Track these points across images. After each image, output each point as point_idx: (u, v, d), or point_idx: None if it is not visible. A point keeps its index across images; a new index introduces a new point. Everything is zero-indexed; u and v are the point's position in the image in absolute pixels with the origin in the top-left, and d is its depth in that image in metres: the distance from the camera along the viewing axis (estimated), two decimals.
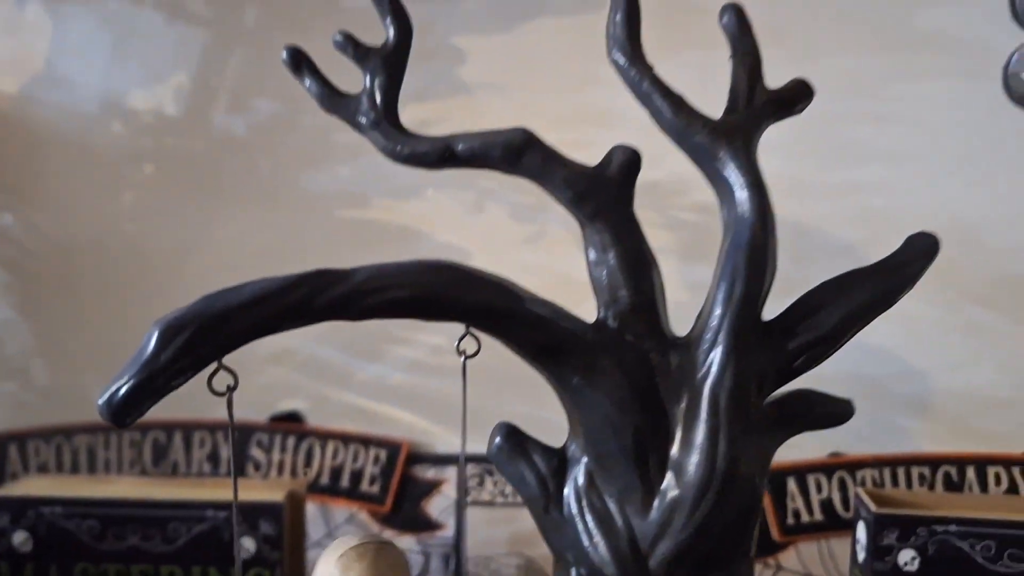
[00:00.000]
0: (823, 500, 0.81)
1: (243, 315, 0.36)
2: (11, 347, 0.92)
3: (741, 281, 0.39)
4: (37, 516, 0.66)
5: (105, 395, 0.37)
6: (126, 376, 0.36)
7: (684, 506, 0.37)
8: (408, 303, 0.37)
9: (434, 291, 0.37)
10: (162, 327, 0.36)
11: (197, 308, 0.36)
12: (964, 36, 0.84)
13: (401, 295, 0.36)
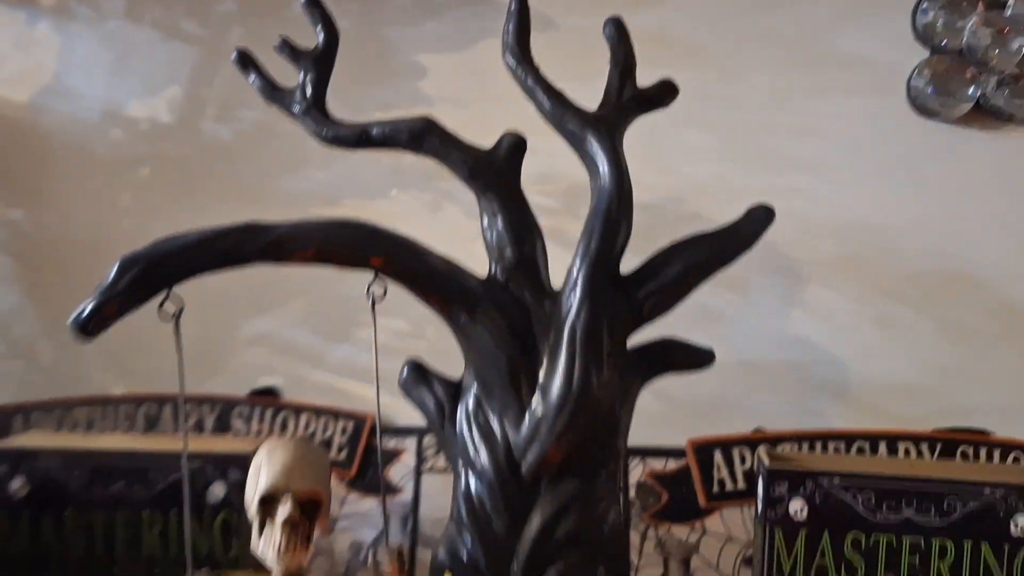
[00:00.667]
0: (746, 471, 0.86)
1: (186, 255, 0.44)
2: (18, 330, 0.98)
3: (596, 239, 0.47)
4: (32, 466, 0.72)
5: (74, 314, 0.45)
6: (91, 299, 0.44)
7: (548, 420, 0.45)
8: (319, 253, 0.45)
9: (341, 244, 0.45)
10: (121, 261, 0.44)
11: (149, 248, 0.44)
12: (872, 56, 0.90)
13: (313, 246, 0.44)
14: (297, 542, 0.44)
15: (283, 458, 0.45)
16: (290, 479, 0.44)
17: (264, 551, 0.45)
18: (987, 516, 0.69)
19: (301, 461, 0.45)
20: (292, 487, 0.44)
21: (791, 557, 0.71)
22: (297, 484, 0.44)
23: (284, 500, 0.44)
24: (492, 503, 0.46)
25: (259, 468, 0.45)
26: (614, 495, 0.48)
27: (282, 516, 0.44)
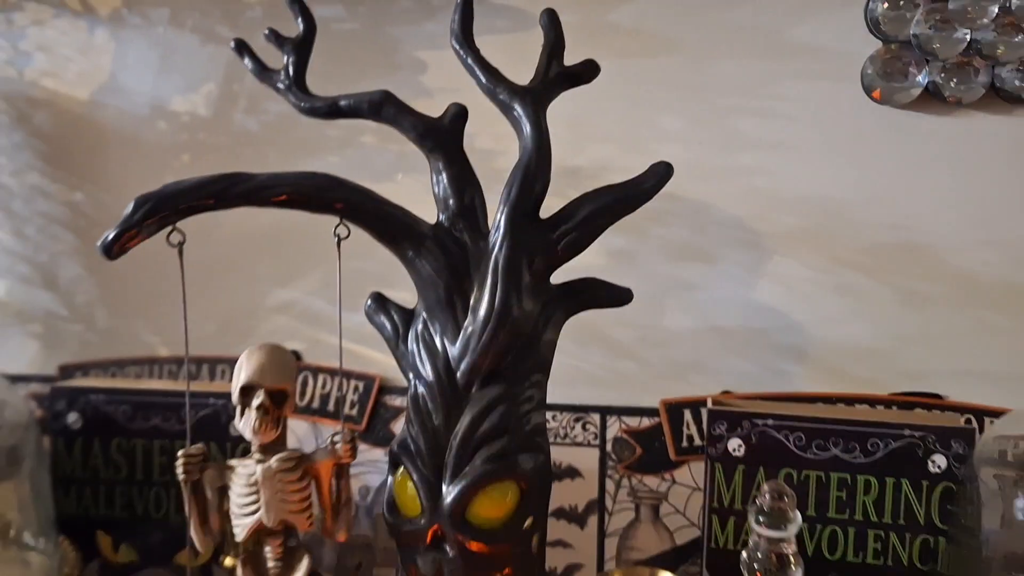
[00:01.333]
0: None
1: (185, 194, 0.55)
2: (79, 298, 1.09)
3: (516, 187, 0.56)
4: (85, 401, 0.85)
5: (100, 241, 0.55)
6: (114, 228, 0.55)
7: (476, 336, 0.55)
8: (290, 197, 0.55)
9: (309, 190, 0.55)
10: (136, 199, 0.55)
11: (158, 190, 0.56)
12: (828, 45, 0.95)
13: (285, 192, 0.55)
14: (268, 423, 0.55)
15: (258, 359, 0.56)
16: (263, 376, 0.55)
17: (243, 429, 0.56)
18: (907, 456, 0.76)
19: (272, 362, 0.56)
20: (264, 382, 0.55)
21: (730, 489, 0.80)
22: (268, 380, 0.55)
23: (258, 392, 0.56)
24: (433, 403, 0.56)
25: (240, 367, 0.56)
26: (537, 401, 0.58)
27: (255, 403, 0.55)
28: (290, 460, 0.55)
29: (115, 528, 0.85)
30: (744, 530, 0.78)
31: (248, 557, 0.57)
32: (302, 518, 0.56)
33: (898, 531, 0.76)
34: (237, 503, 0.56)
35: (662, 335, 1.01)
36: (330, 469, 0.57)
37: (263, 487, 0.55)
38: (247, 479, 0.55)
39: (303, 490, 0.56)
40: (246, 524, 0.55)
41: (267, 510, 0.55)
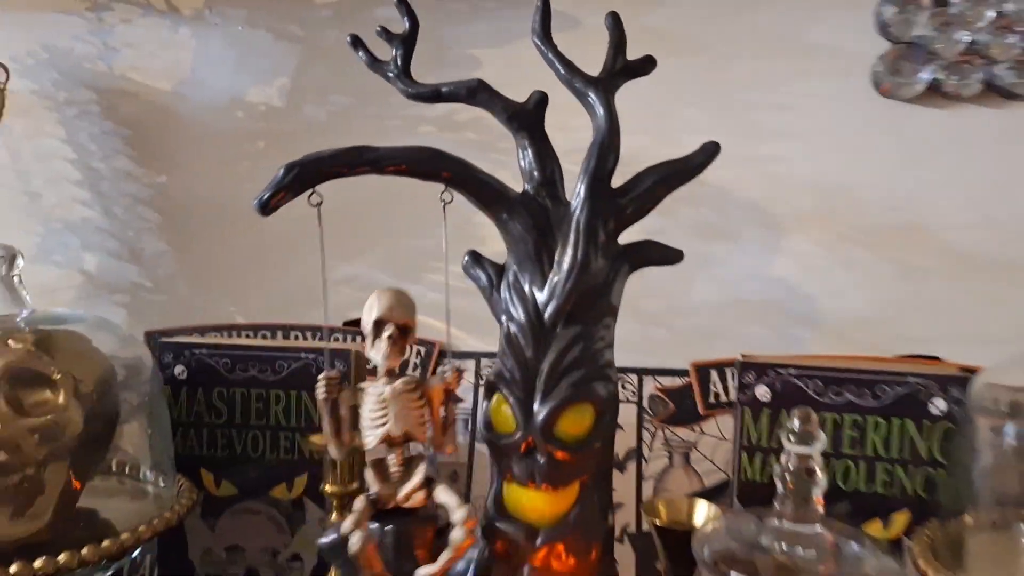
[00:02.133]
0: (735, 385, 0.99)
1: (324, 162, 0.66)
2: (163, 271, 1.20)
3: (594, 161, 0.68)
4: (190, 355, 0.95)
5: (256, 200, 0.65)
6: (267, 190, 0.66)
7: (560, 283, 0.67)
8: (408, 167, 0.67)
9: (421, 161, 0.67)
10: (285, 166, 0.66)
11: (302, 158, 0.66)
12: (840, 46, 1.06)
13: (403, 162, 0.67)
14: (395, 351, 0.67)
15: (388, 299, 0.67)
16: (392, 312, 0.67)
17: (374, 356, 0.68)
18: (911, 400, 0.87)
19: (399, 302, 0.67)
20: (393, 318, 0.67)
21: (757, 430, 0.92)
22: (396, 316, 0.67)
23: (387, 326, 0.67)
24: (524, 340, 0.67)
25: (372, 305, 0.68)
26: (606, 341, 0.70)
27: (386, 335, 0.67)
28: (411, 382, 0.67)
29: (216, 466, 0.96)
30: (769, 464, 0.90)
31: (375, 463, 0.68)
32: (420, 431, 0.67)
33: (903, 465, 0.87)
34: (368, 418, 0.67)
35: (690, 305, 1.13)
36: (440, 394, 0.68)
37: (391, 403, 0.66)
38: (377, 397, 0.67)
39: (421, 408, 0.67)
40: (376, 434, 0.66)
41: (395, 422, 0.66)
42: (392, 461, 0.67)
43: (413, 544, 0.67)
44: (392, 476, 0.68)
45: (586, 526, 0.70)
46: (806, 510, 0.72)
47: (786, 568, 0.70)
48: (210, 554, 0.96)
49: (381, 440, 0.66)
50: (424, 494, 0.67)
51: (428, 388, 0.68)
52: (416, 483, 0.67)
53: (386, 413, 0.66)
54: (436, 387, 0.68)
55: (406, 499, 0.67)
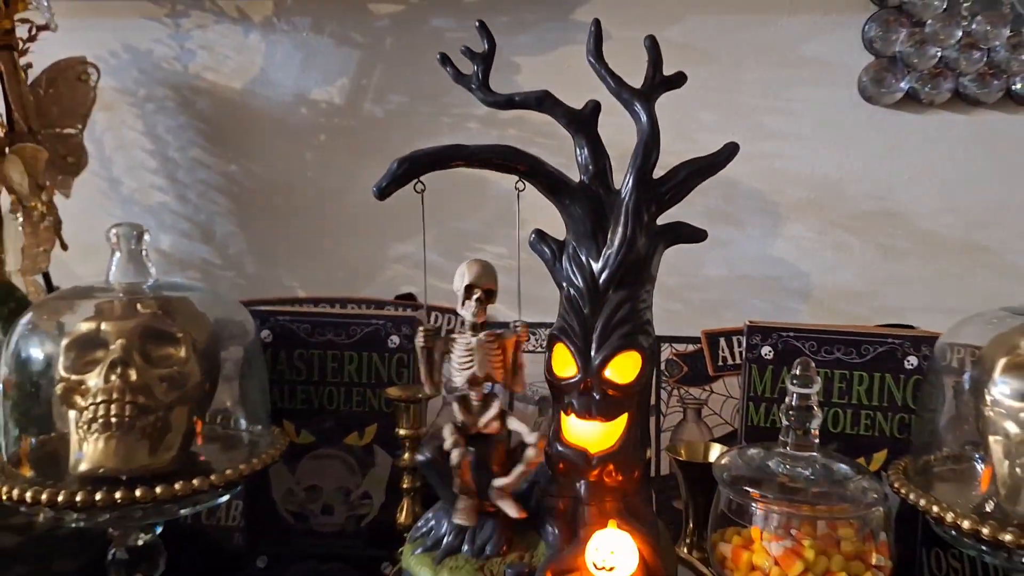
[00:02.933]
0: (740, 351, 1.17)
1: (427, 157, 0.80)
2: (232, 249, 1.32)
3: (640, 157, 0.83)
4: (275, 321, 1.07)
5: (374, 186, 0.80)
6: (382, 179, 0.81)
7: (613, 255, 0.82)
8: (493, 161, 0.82)
9: (503, 155, 0.82)
10: (399, 160, 0.80)
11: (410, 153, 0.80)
12: (831, 59, 1.20)
13: (488, 157, 0.82)
14: (481, 311, 0.82)
15: (476, 268, 0.82)
16: (479, 279, 0.82)
17: (464, 314, 0.83)
18: (889, 357, 1.02)
19: (485, 270, 0.82)
20: (480, 283, 0.83)
21: (762, 384, 1.08)
22: (483, 282, 0.83)
23: (475, 290, 0.83)
24: (582, 301, 0.83)
25: (463, 273, 0.83)
26: (647, 303, 0.86)
27: (475, 297, 0.82)
28: (492, 335, 0.82)
29: (297, 417, 1.08)
30: (772, 413, 1.07)
31: (460, 399, 0.84)
32: (498, 373, 0.82)
33: (882, 411, 1.03)
34: (457, 362, 0.82)
35: (701, 282, 1.29)
36: (513, 344, 0.84)
37: (476, 351, 0.81)
38: (465, 346, 0.82)
39: (498, 355, 0.83)
40: (464, 376, 0.82)
41: (479, 366, 0.81)
42: (473, 397, 0.83)
43: (490, 462, 0.83)
44: (473, 409, 0.84)
45: (630, 451, 0.86)
46: (806, 440, 0.89)
47: (787, 487, 0.87)
48: (291, 493, 1.10)
49: (468, 380, 0.82)
50: (499, 423, 0.83)
51: (504, 340, 0.83)
52: (493, 414, 0.83)
53: (472, 359, 0.81)
54: (510, 339, 0.84)
55: (485, 427, 0.83)
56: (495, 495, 0.81)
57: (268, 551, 1.08)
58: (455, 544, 0.83)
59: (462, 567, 0.80)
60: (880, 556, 0.85)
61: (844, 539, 0.84)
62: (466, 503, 0.81)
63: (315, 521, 1.07)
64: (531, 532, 0.86)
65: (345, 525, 1.06)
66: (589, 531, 0.81)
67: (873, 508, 0.83)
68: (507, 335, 0.83)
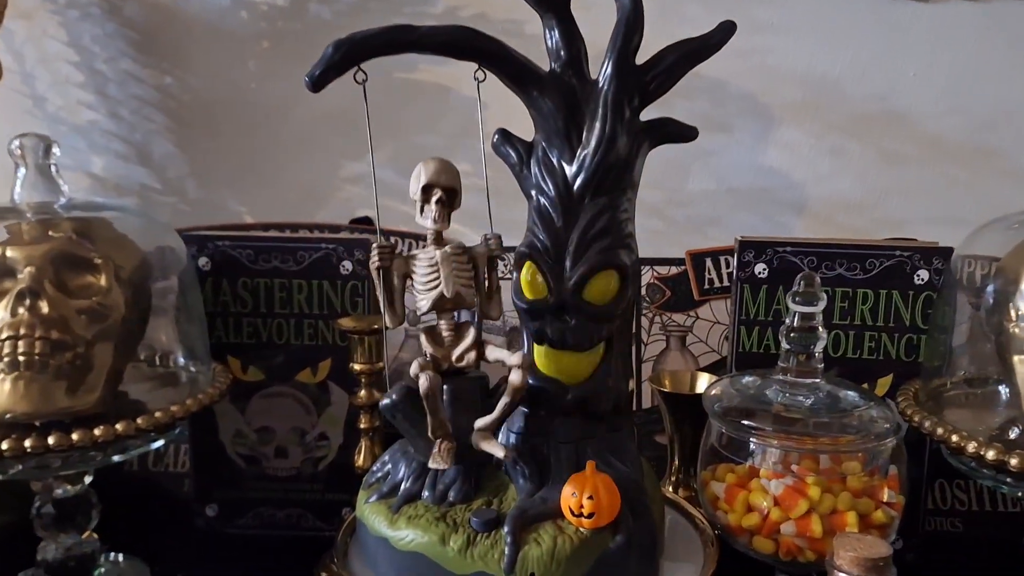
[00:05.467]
0: (728, 273, 1.09)
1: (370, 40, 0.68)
2: (172, 172, 1.21)
3: (620, 40, 0.71)
4: (213, 247, 0.98)
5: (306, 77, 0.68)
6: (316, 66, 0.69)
7: (589, 156, 0.71)
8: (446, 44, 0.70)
9: (458, 39, 0.70)
10: (334, 43, 0.68)
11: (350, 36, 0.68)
12: None
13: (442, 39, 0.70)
14: (444, 215, 0.71)
15: (434, 165, 0.70)
16: (439, 177, 0.70)
17: (424, 221, 0.72)
18: (897, 271, 0.95)
19: (445, 167, 0.70)
20: (440, 182, 0.71)
21: (755, 305, 0.99)
22: (443, 180, 0.71)
23: (435, 190, 0.71)
24: (555, 211, 0.72)
25: (419, 173, 0.72)
26: (628, 213, 0.75)
27: (434, 199, 0.71)
28: (460, 247, 0.71)
29: (243, 353, 1.00)
30: (765, 337, 0.97)
31: (428, 330, 0.73)
32: (469, 293, 0.71)
33: (888, 332, 0.95)
34: (421, 282, 0.71)
35: (685, 196, 1.19)
36: (485, 260, 0.73)
37: (442, 266, 0.70)
38: (428, 262, 0.71)
39: (469, 271, 0.72)
40: (430, 296, 0.71)
41: (446, 283, 0.70)
42: (443, 327, 0.73)
43: (467, 400, 0.73)
44: (444, 340, 0.73)
45: (610, 384, 0.76)
46: (808, 365, 0.79)
47: (787, 418, 0.77)
48: (241, 435, 1.01)
49: (434, 302, 0.71)
50: (475, 355, 0.73)
51: (475, 254, 0.72)
52: (469, 343, 0.72)
53: (438, 276, 0.70)
54: (481, 253, 0.73)
55: (460, 360, 0.72)
56: (477, 438, 0.72)
57: (218, 498, 1.03)
58: (414, 490, 0.74)
59: (422, 515, 0.71)
60: (891, 491, 0.76)
61: (850, 474, 0.75)
62: (442, 445, 0.71)
63: (268, 465, 1.02)
64: (500, 475, 0.76)
65: (301, 468, 1.02)
66: (564, 473, 0.71)
67: (887, 440, 0.74)
68: (478, 249, 0.73)
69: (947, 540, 1.00)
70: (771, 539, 0.76)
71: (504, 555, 0.68)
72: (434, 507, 0.73)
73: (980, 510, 1.00)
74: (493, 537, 0.69)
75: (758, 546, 0.76)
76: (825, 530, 0.74)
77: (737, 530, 0.77)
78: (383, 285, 0.71)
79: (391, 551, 0.71)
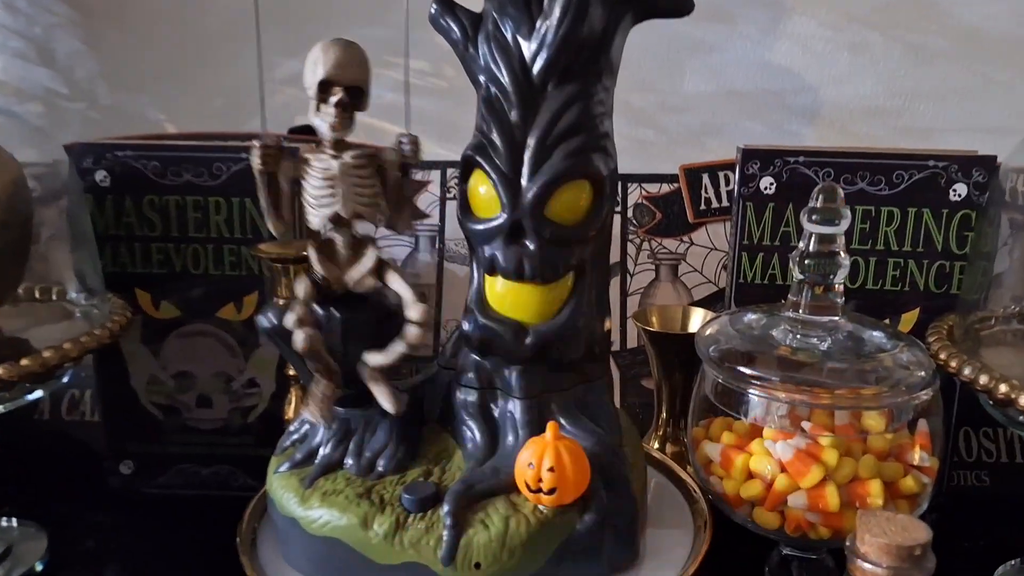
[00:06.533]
0: (728, 191, 0.94)
1: None
2: (79, 73, 1.05)
3: None
4: (113, 158, 0.82)
5: None
6: None
7: (552, 29, 0.55)
8: None
9: None
10: None
11: None
12: None
13: None
14: (345, 119, 0.56)
15: (336, 54, 0.55)
16: (341, 72, 0.55)
17: (319, 125, 0.57)
18: (930, 185, 0.79)
19: (350, 58, 0.55)
20: (341, 76, 0.56)
21: (760, 227, 0.83)
22: (347, 75, 0.56)
23: (335, 89, 0.56)
24: (508, 102, 0.56)
25: (316, 61, 0.56)
26: (605, 107, 0.59)
27: (334, 100, 0.56)
28: (363, 157, 0.57)
29: (154, 285, 0.85)
30: (771, 265, 0.82)
31: (320, 245, 0.59)
32: (372, 211, 0.58)
33: (916, 259, 0.80)
34: (313, 195, 0.57)
35: (679, 100, 1.02)
36: (396, 168, 0.59)
37: (339, 181, 0.56)
38: (323, 173, 0.57)
39: (373, 186, 0.58)
40: (323, 214, 0.57)
41: (343, 202, 0.56)
42: (340, 242, 0.58)
43: (362, 330, 0.59)
44: (340, 258, 0.58)
45: (580, 324, 0.61)
46: (826, 299, 0.64)
47: (795, 364, 0.63)
48: (156, 382, 0.87)
49: (326, 222, 0.56)
50: (375, 279, 0.58)
51: (383, 162, 0.57)
52: (368, 267, 0.58)
53: (333, 192, 0.56)
54: (391, 161, 0.58)
55: (357, 285, 0.58)
56: (367, 375, 0.57)
57: (134, 454, 0.90)
58: (335, 458, 0.59)
59: (341, 491, 0.56)
60: (923, 453, 0.61)
61: (872, 432, 0.61)
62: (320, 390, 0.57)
63: (190, 416, 0.89)
64: (445, 437, 0.61)
65: (229, 420, 0.89)
66: (522, 438, 0.57)
67: (920, 392, 0.59)
68: (387, 155, 0.57)
69: (972, 496, 0.86)
70: (776, 512, 0.61)
71: (442, 542, 0.53)
72: (358, 480, 0.58)
73: (1010, 461, 0.86)
74: (429, 519, 0.55)
75: (760, 520, 0.62)
76: (843, 501, 0.60)
77: (734, 500, 0.63)
78: (266, 189, 0.58)
79: (303, 535, 0.57)
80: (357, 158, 0.57)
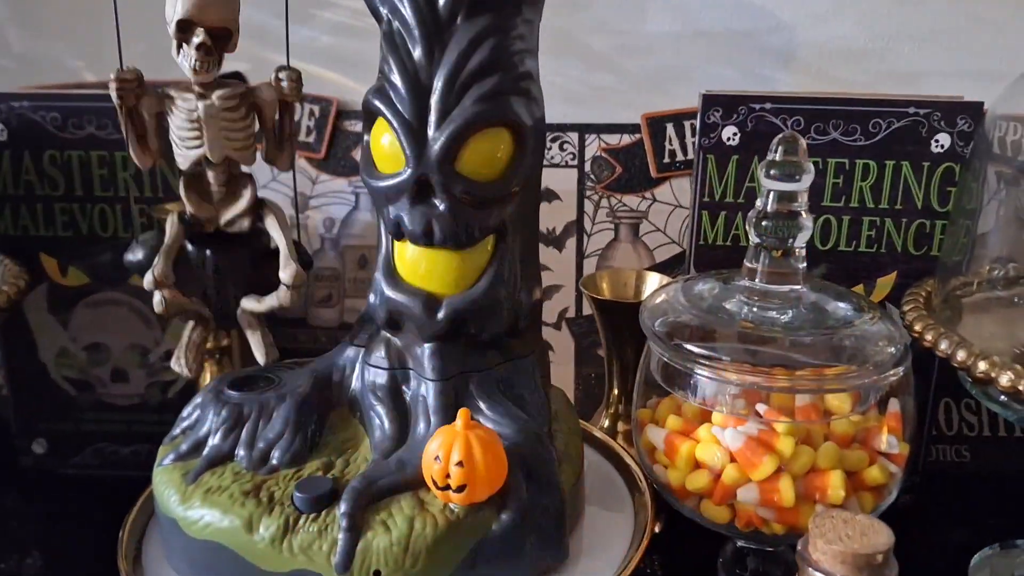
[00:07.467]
0: (695, 140, 0.83)
1: None
2: None
3: None
4: (9, 110, 0.75)
5: None
6: None
7: None
8: None
9: None
10: None
11: None
12: None
13: None
14: (209, 63, 0.49)
15: None
16: (203, 11, 0.48)
17: (183, 66, 0.50)
18: (910, 135, 0.72)
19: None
20: (205, 20, 0.48)
21: (722, 183, 0.76)
22: (209, 15, 0.48)
23: (197, 31, 0.48)
24: (411, 38, 0.48)
25: None
26: (527, 43, 0.51)
27: (195, 42, 0.48)
28: (233, 98, 0.50)
29: (60, 250, 0.78)
30: (735, 225, 0.75)
31: (191, 180, 0.52)
32: (246, 154, 0.51)
33: (894, 217, 0.73)
34: (179, 135, 0.51)
35: (642, 41, 0.93)
36: (274, 106, 0.52)
37: (206, 125, 0.49)
38: (188, 114, 0.50)
39: (247, 127, 0.51)
40: (190, 156, 0.51)
41: (211, 147, 0.50)
42: (213, 180, 0.51)
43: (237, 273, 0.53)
44: (213, 196, 0.51)
45: (502, 294, 0.54)
46: (785, 265, 0.57)
47: (750, 339, 0.55)
48: (66, 355, 0.80)
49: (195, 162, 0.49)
50: (251, 220, 0.51)
51: (258, 99, 0.50)
52: (243, 207, 0.51)
53: (199, 136, 0.49)
54: (268, 99, 0.50)
55: (230, 225, 0.51)
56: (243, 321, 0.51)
57: (46, 431, 0.84)
58: (224, 448, 0.52)
59: (227, 488, 0.49)
60: (892, 438, 0.54)
61: (836, 414, 0.54)
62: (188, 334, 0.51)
63: (104, 391, 0.84)
64: (353, 424, 0.54)
65: (147, 395, 0.83)
66: (434, 425, 0.49)
67: (889, 372, 0.52)
68: (263, 93, 0.50)
69: (951, 474, 0.80)
70: (727, 506, 0.55)
71: (337, 546, 0.47)
72: (248, 475, 0.51)
73: (993, 435, 0.80)
74: (323, 520, 0.48)
75: (708, 514, 0.56)
76: (800, 495, 0.53)
77: (680, 492, 0.56)
78: (127, 125, 0.55)
79: (183, 538, 0.50)
80: (226, 99, 0.50)
